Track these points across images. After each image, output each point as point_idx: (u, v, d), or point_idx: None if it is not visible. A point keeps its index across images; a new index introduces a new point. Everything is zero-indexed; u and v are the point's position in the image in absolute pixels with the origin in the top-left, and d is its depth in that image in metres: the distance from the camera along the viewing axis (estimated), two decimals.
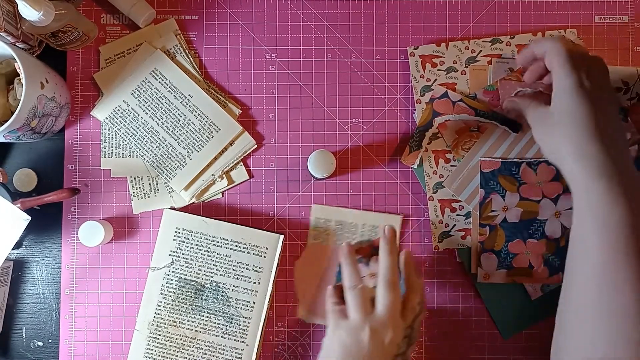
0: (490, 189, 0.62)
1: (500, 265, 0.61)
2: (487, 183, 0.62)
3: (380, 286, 0.55)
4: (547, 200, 0.61)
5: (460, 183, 0.63)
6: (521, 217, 0.62)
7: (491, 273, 0.61)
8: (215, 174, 0.64)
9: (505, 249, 0.61)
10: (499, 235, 0.62)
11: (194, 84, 0.63)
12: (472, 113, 0.63)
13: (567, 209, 0.61)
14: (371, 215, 0.64)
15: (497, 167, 0.62)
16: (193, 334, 0.62)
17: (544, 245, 0.61)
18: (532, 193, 0.62)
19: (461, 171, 0.63)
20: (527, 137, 0.63)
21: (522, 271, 0.61)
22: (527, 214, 0.62)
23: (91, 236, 0.60)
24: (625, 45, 0.66)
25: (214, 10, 0.65)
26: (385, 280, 0.55)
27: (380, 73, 0.65)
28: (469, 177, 0.63)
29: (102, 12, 0.65)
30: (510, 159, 0.62)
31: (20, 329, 0.63)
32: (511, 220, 0.62)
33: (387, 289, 0.54)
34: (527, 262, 0.61)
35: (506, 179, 0.62)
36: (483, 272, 0.61)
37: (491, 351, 0.63)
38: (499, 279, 0.61)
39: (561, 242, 0.61)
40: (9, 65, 0.59)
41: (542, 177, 0.62)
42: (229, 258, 0.62)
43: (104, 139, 0.64)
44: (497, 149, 0.63)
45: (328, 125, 0.65)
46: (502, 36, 0.64)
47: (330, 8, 0.66)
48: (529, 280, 0.61)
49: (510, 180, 0.62)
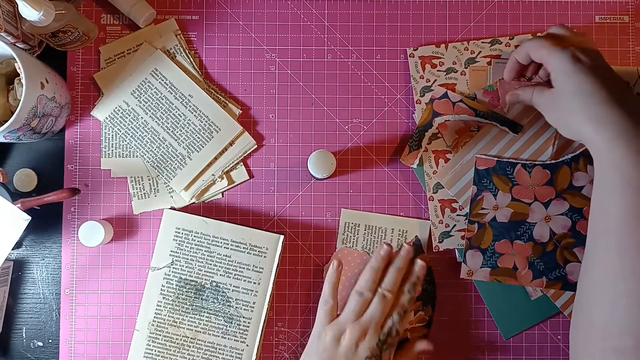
0: (483, 186, 0.62)
1: (485, 263, 0.61)
2: (480, 180, 0.62)
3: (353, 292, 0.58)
4: (538, 203, 0.61)
5: (451, 177, 0.63)
6: (511, 218, 0.61)
7: (475, 270, 0.61)
8: (215, 174, 0.64)
9: (491, 248, 0.61)
10: (487, 233, 0.62)
11: (194, 84, 0.63)
12: (472, 114, 0.63)
13: (558, 214, 0.61)
14: (400, 220, 0.64)
15: (492, 165, 0.62)
16: (193, 334, 0.62)
17: (531, 248, 0.61)
18: (524, 195, 0.62)
19: (454, 165, 0.63)
20: (524, 137, 0.63)
21: (506, 272, 0.61)
22: (517, 215, 0.61)
23: (91, 236, 0.60)
24: (626, 45, 0.66)
25: (214, 10, 0.65)
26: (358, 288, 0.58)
27: (380, 73, 0.65)
28: (461, 171, 0.63)
29: (102, 12, 0.65)
30: (506, 158, 0.62)
31: (20, 329, 0.63)
32: (500, 220, 0.61)
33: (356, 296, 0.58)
34: (512, 263, 0.61)
35: (500, 178, 0.62)
36: (467, 269, 0.61)
37: (491, 351, 0.63)
38: (481, 277, 0.61)
39: (548, 246, 0.61)
40: (9, 65, 0.59)
41: (536, 180, 0.61)
42: (229, 258, 0.62)
43: (104, 139, 0.64)
44: (493, 146, 0.63)
45: (328, 125, 0.65)
46: (502, 37, 0.64)
47: (330, 8, 0.66)
48: (512, 282, 0.61)
49: (504, 180, 0.62)
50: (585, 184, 0.61)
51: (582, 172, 0.61)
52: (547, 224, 0.61)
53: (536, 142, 0.62)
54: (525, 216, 0.61)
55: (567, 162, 0.61)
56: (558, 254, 0.61)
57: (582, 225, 0.61)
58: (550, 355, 0.63)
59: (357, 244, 0.64)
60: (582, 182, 0.61)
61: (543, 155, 0.62)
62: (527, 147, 0.62)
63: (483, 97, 0.63)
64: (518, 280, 0.61)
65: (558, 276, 0.60)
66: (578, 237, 0.61)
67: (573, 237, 0.61)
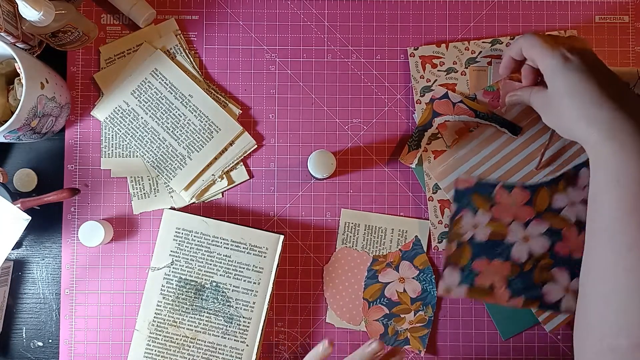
0: (463, 205, 0.62)
1: (463, 281, 0.61)
2: (460, 199, 0.61)
3: None
4: (517, 223, 0.61)
5: (443, 170, 0.63)
6: (489, 237, 0.61)
7: (452, 287, 0.61)
8: (215, 174, 0.64)
9: (469, 266, 0.61)
10: (465, 251, 0.61)
11: (194, 84, 0.63)
12: (472, 114, 0.63)
13: (537, 235, 0.61)
14: (400, 220, 0.64)
15: (472, 185, 0.62)
16: (193, 334, 0.62)
17: (509, 268, 0.61)
18: (504, 215, 0.61)
19: (447, 159, 0.63)
20: (521, 139, 0.62)
21: (483, 290, 0.61)
22: (496, 235, 0.61)
23: (91, 236, 0.60)
24: (625, 45, 0.66)
25: (214, 10, 0.65)
26: None
27: (380, 73, 0.65)
28: (454, 165, 0.63)
29: (102, 12, 0.65)
30: (485, 180, 0.62)
31: (20, 329, 0.63)
32: (479, 239, 0.61)
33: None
34: (489, 281, 0.60)
35: (480, 197, 0.61)
36: (444, 286, 0.61)
37: (491, 351, 0.63)
38: (458, 294, 0.61)
39: (525, 266, 0.60)
40: (9, 65, 0.59)
41: (516, 200, 0.61)
42: (229, 258, 0.62)
43: (104, 139, 0.64)
44: (488, 144, 0.62)
45: (328, 125, 0.65)
46: (502, 37, 0.64)
47: (330, 8, 0.66)
48: (489, 300, 0.60)
49: (484, 199, 0.61)
50: (565, 206, 0.61)
51: (562, 193, 0.61)
52: (526, 244, 0.61)
53: (531, 146, 0.62)
54: (504, 236, 0.61)
55: (546, 183, 0.61)
56: (536, 274, 0.60)
57: (561, 247, 0.60)
58: (550, 355, 0.63)
59: (357, 244, 0.64)
60: (562, 204, 0.61)
61: (531, 164, 0.62)
62: (522, 149, 0.62)
63: (483, 98, 0.63)
64: (495, 299, 0.60)
65: (535, 296, 0.60)
66: (556, 258, 0.60)
67: (551, 258, 0.60)
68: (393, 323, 0.63)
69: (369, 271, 0.63)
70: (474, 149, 0.63)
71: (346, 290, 0.63)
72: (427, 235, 0.63)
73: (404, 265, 0.63)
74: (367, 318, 0.63)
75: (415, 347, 0.62)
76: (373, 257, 0.63)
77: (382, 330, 0.62)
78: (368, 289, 0.63)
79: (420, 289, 0.62)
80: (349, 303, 0.63)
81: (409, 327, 0.63)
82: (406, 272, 0.63)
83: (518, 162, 0.63)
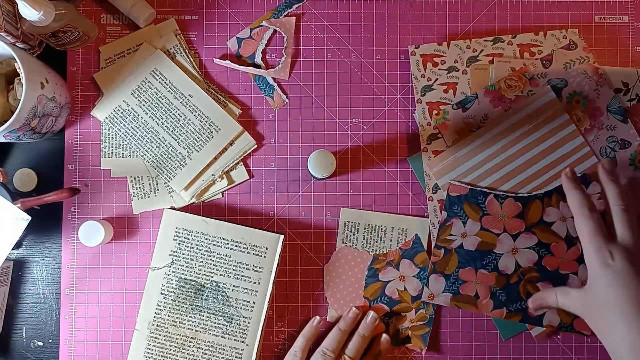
0: (454, 213, 0.62)
1: (447, 289, 0.61)
2: (451, 207, 0.62)
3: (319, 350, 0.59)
4: (507, 235, 0.61)
5: (442, 168, 0.63)
6: (478, 247, 0.61)
7: (436, 295, 0.61)
8: (215, 174, 0.64)
9: (455, 275, 0.61)
10: (452, 259, 0.61)
11: (194, 84, 0.63)
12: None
13: (525, 247, 0.61)
14: (400, 218, 0.64)
15: (464, 192, 0.62)
16: (193, 334, 0.62)
17: (494, 279, 0.61)
18: (494, 225, 0.61)
19: (447, 157, 0.63)
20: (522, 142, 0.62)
21: (467, 299, 0.61)
22: (485, 245, 0.61)
23: (91, 236, 0.60)
24: (625, 45, 0.66)
25: (214, 10, 0.65)
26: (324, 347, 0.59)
27: (380, 73, 0.65)
28: (453, 164, 0.63)
29: (102, 12, 0.65)
30: (479, 187, 0.62)
31: (20, 329, 0.63)
32: (467, 248, 0.61)
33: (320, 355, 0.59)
34: (474, 291, 0.61)
35: (471, 206, 0.62)
36: (428, 292, 0.61)
37: (491, 351, 0.63)
38: (442, 302, 0.61)
39: (512, 278, 0.61)
40: (9, 65, 0.59)
41: (507, 211, 0.61)
42: (229, 258, 0.62)
43: (104, 139, 0.64)
44: (492, 144, 0.62)
45: (328, 125, 0.65)
46: (504, 35, 0.64)
47: (330, 8, 0.66)
48: (472, 309, 0.61)
49: (475, 209, 0.61)
50: (556, 220, 0.61)
51: (554, 208, 0.61)
52: (513, 256, 0.61)
53: (531, 151, 0.62)
54: (493, 246, 0.61)
55: (539, 196, 0.61)
56: (521, 287, 0.61)
57: (548, 261, 0.61)
58: (550, 355, 0.63)
59: (357, 243, 0.64)
60: (553, 218, 0.61)
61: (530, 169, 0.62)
62: (522, 153, 0.62)
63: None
64: (478, 309, 0.61)
65: (519, 309, 0.60)
66: (543, 272, 0.60)
67: (538, 272, 0.61)
68: (394, 321, 0.63)
69: (369, 270, 0.63)
70: (475, 149, 0.63)
71: (347, 289, 0.63)
72: (427, 233, 0.63)
73: (405, 264, 0.63)
74: None
75: (416, 345, 0.62)
76: (373, 255, 0.63)
77: (383, 329, 0.62)
78: (369, 288, 0.63)
79: (421, 287, 0.62)
80: (350, 302, 0.63)
81: (410, 326, 0.63)
82: (406, 270, 0.63)
83: (518, 166, 0.62)
